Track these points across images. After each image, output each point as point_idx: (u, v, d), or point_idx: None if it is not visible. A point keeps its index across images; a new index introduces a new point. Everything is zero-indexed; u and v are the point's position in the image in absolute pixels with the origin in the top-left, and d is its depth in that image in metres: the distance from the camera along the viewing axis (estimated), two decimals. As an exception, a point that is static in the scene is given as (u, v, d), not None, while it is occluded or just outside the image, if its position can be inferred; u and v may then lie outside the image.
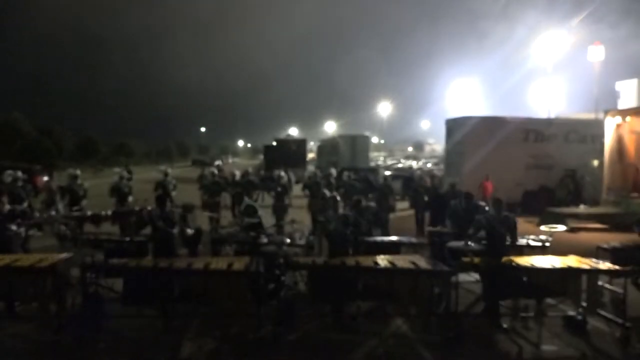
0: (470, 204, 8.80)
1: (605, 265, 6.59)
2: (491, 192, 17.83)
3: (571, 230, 12.89)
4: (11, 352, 5.55)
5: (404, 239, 8.62)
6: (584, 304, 6.39)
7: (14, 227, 8.41)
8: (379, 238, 8.98)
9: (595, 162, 19.25)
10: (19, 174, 12.10)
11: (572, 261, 6.59)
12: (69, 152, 49.29)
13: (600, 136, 17.28)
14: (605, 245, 7.62)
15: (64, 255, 6.19)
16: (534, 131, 19.44)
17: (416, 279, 5.98)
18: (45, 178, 20.26)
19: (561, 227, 8.52)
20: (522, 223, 16.23)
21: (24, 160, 31.64)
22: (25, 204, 9.34)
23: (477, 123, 19.36)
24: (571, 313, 6.68)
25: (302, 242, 8.79)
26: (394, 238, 8.78)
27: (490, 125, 19.31)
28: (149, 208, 11.52)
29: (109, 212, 10.90)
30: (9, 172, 11.98)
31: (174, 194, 13.47)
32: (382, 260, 6.31)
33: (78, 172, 12.88)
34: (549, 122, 20.96)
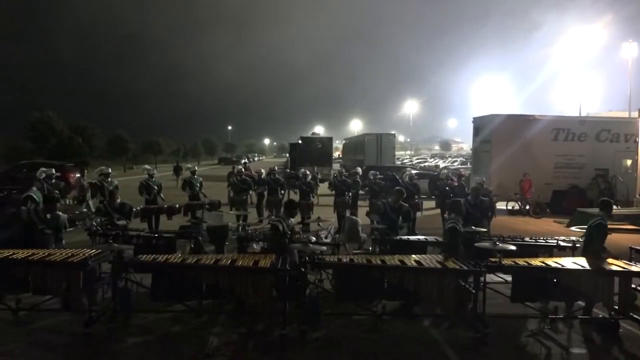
0: (478, 198, 9.25)
1: (638, 267, 6.43)
2: (529, 190, 17.65)
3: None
4: (44, 344, 5.69)
5: (431, 238, 8.55)
6: (616, 306, 6.24)
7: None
8: (405, 237, 8.94)
9: (629, 162, 18.79)
10: (53, 171, 12.46)
11: (605, 263, 6.44)
12: (99, 149, 50.34)
13: (634, 135, 16.82)
14: (638, 247, 7.44)
15: (94, 250, 6.32)
16: (564, 130, 19.07)
17: (443, 279, 5.92)
18: (77, 175, 20.73)
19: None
20: (551, 223, 16.10)
21: (56, 158, 32.48)
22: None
23: (505, 121, 19.11)
24: (603, 316, 6.54)
25: (328, 240, 8.81)
26: (420, 237, 8.72)
27: (518, 123, 19.04)
28: (177, 206, 11.74)
29: (138, 209, 11.10)
30: (43, 169, 12.35)
31: (201, 192, 13.65)
32: (409, 260, 6.27)
33: (109, 169, 13.15)
34: (580, 120, 20.51)
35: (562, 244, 7.83)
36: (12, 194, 10.31)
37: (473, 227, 8.02)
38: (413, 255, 6.54)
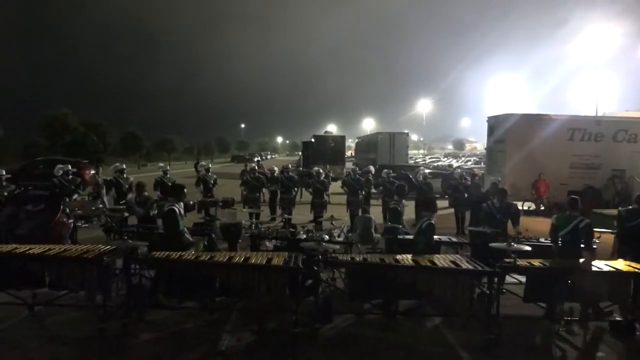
0: (504, 202, 8.59)
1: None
2: (545, 191, 17.46)
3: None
4: (59, 339, 5.76)
5: (444, 238, 8.50)
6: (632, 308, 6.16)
7: (64, 219, 8.77)
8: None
9: (646, 162, 18.53)
10: (69, 167, 12.59)
11: (620, 265, 6.37)
12: (113, 147, 50.76)
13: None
14: None
15: (109, 246, 6.37)
16: (580, 130, 18.85)
17: (457, 279, 5.88)
18: (92, 172, 20.92)
19: (609, 230, 8.20)
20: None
21: (71, 155, 32.82)
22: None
23: (519, 120, 18.93)
24: (618, 318, 6.45)
25: (341, 238, 8.79)
26: (434, 237, 8.67)
27: (533, 123, 18.86)
28: (191, 203, 11.80)
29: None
30: (60, 165, 12.48)
31: (214, 189, 13.72)
32: (422, 259, 6.23)
33: (123, 166, 13.26)
34: (596, 120, 20.25)
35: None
36: (28, 190, 10.42)
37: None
38: (426, 255, 6.50)
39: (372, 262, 6.25)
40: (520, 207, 18.15)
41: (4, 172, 10.51)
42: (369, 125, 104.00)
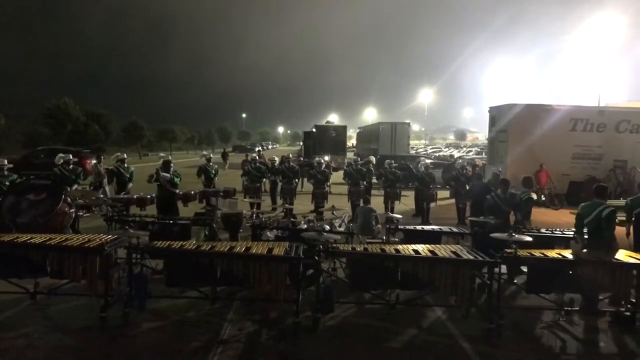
0: (507, 192, 8.56)
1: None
2: (546, 182, 17.45)
3: (621, 223, 12.39)
4: (61, 328, 5.79)
5: (445, 228, 8.50)
6: (634, 299, 6.17)
7: (66, 209, 8.78)
8: (419, 227, 8.90)
9: (648, 153, 18.47)
10: (70, 156, 12.58)
11: (621, 255, 6.36)
12: (115, 136, 50.70)
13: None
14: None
15: (110, 236, 6.38)
16: (582, 120, 18.77)
17: (457, 269, 5.88)
18: (93, 161, 20.93)
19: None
20: (567, 214, 15.92)
21: (73, 144, 32.83)
22: None
23: (522, 111, 18.84)
24: (619, 309, 6.46)
25: (342, 229, 8.80)
26: (434, 227, 8.68)
27: (535, 113, 18.78)
28: (192, 192, 11.81)
29: (154, 195, 11.17)
30: (61, 155, 12.47)
31: (215, 179, 13.72)
32: (423, 249, 6.24)
33: (125, 155, 13.25)
34: (599, 110, 20.16)
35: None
36: (29, 180, 10.39)
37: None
38: (427, 245, 6.50)
39: (373, 252, 6.25)
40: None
41: (5, 162, 10.49)
42: (370, 115, 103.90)
